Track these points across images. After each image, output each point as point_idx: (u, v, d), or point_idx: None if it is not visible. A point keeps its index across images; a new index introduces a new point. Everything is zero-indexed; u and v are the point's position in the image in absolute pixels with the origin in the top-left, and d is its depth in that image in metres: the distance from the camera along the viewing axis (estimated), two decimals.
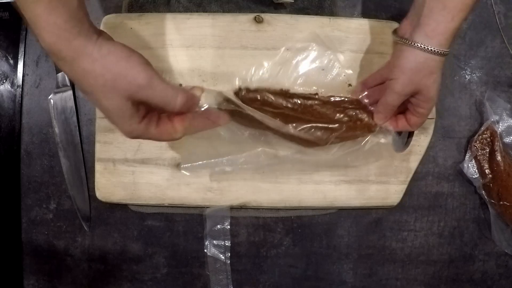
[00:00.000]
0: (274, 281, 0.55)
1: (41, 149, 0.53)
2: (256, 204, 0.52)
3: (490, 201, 0.53)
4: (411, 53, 0.42)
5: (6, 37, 0.53)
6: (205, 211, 0.53)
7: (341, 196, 0.52)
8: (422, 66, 0.42)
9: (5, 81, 0.53)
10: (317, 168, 0.51)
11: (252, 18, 0.52)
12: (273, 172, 0.52)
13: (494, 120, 0.53)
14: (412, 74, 0.42)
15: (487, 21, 0.56)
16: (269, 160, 0.49)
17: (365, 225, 0.55)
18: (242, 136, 0.47)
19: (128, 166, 0.51)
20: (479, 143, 0.53)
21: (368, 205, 0.53)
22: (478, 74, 0.56)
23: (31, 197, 0.54)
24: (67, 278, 0.54)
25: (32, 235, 0.54)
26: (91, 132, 0.53)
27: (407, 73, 0.42)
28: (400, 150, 0.54)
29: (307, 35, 0.51)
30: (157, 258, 0.54)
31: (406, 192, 0.53)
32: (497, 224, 0.54)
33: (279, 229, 0.54)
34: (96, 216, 0.54)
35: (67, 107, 0.53)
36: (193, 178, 0.52)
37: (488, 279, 0.55)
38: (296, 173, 0.52)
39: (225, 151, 0.49)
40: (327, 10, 0.55)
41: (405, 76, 0.42)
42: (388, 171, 0.52)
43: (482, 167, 0.53)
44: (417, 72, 0.42)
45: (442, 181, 0.55)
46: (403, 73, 0.42)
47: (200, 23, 0.51)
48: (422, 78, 0.42)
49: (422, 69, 0.42)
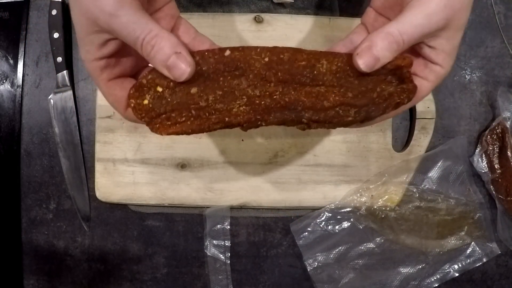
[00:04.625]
0: (274, 281, 0.55)
1: (41, 149, 0.53)
2: (256, 204, 0.52)
3: (498, 196, 0.54)
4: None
5: (6, 37, 0.53)
6: (205, 211, 0.53)
7: (341, 196, 0.52)
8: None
9: (5, 81, 0.53)
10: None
11: (252, 18, 0.52)
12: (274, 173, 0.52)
13: (506, 116, 0.53)
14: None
15: (487, 21, 0.56)
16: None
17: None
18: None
19: (128, 166, 0.51)
20: (490, 138, 0.54)
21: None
22: (478, 74, 0.56)
23: (31, 197, 0.54)
24: (67, 278, 0.54)
25: (32, 235, 0.54)
26: (91, 132, 0.53)
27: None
28: (400, 150, 0.54)
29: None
30: (157, 258, 0.54)
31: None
32: (504, 220, 0.54)
33: (279, 229, 0.54)
34: (96, 216, 0.54)
35: (67, 107, 0.53)
36: (193, 178, 0.52)
37: (488, 279, 0.55)
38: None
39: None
40: (327, 10, 0.55)
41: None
42: (388, 171, 0.52)
43: (492, 162, 0.54)
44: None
45: None
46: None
47: (200, 23, 0.51)
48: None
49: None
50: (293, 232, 0.53)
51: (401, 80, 0.33)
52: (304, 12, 0.54)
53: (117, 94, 0.33)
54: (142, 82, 0.32)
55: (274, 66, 0.32)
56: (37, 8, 0.54)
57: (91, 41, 0.31)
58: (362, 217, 0.52)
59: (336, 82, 0.33)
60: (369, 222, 0.52)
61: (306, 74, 0.33)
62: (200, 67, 0.32)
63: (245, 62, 0.32)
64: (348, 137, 0.53)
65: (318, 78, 0.33)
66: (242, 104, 0.33)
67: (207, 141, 0.52)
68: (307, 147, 0.52)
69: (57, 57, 0.52)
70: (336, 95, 0.33)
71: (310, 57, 0.33)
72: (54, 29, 0.51)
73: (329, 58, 0.33)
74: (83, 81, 0.54)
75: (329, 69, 0.33)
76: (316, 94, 0.33)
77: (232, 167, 0.52)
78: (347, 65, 0.32)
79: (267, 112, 0.33)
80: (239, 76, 0.33)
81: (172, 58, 0.30)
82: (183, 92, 0.32)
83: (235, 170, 0.52)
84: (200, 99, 0.32)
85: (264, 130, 0.52)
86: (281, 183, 0.52)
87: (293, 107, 0.33)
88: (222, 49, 0.33)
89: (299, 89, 0.33)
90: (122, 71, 0.34)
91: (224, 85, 0.32)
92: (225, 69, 0.32)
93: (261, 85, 0.33)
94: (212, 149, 0.52)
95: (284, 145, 0.52)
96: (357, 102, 0.33)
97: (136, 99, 0.33)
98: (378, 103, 0.33)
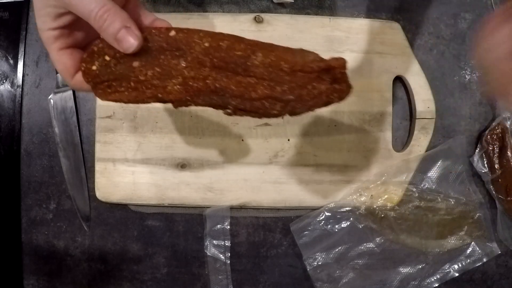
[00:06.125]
0: (274, 281, 0.55)
1: (41, 149, 0.53)
2: (256, 204, 0.52)
3: (498, 196, 0.54)
4: None
5: (6, 37, 0.53)
6: (205, 211, 0.53)
7: (341, 196, 0.52)
8: None
9: (5, 81, 0.53)
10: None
11: (252, 18, 0.52)
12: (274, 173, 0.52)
13: (506, 116, 0.53)
14: None
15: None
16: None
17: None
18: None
19: (128, 166, 0.51)
20: (490, 138, 0.54)
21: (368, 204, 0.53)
22: (478, 74, 0.56)
23: (31, 197, 0.54)
24: (67, 278, 0.54)
25: (32, 235, 0.54)
26: (91, 132, 0.53)
27: None
28: (400, 150, 0.54)
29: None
30: (157, 258, 0.54)
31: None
32: (504, 220, 0.54)
33: (279, 229, 0.54)
34: (96, 216, 0.54)
35: (67, 107, 0.53)
36: (193, 178, 0.52)
37: (488, 279, 0.55)
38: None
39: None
40: (327, 10, 0.55)
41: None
42: (387, 170, 0.52)
43: (492, 162, 0.54)
44: None
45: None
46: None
47: (200, 23, 0.51)
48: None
49: None
50: (293, 231, 0.53)
51: (335, 80, 0.34)
52: (304, 12, 0.54)
53: (66, 62, 0.35)
54: (93, 49, 0.34)
55: (212, 52, 0.34)
56: None
57: (47, 12, 0.33)
58: (361, 216, 0.52)
59: (267, 76, 0.33)
60: (368, 222, 0.52)
61: (240, 64, 0.34)
62: (146, 43, 0.34)
63: (186, 44, 0.34)
64: (348, 137, 0.53)
65: (251, 69, 0.34)
66: (176, 83, 0.34)
67: (207, 141, 0.52)
68: (307, 147, 0.52)
69: None
70: (265, 88, 0.34)
71: (248, 48, 0.34)
72: None
73: (266, 51, 0.34)
74: None
75: (262, 62, 0.33)
76: (246, 84, 0.34)
77: (232, 167, 0.52)
78: (281, 60, 0.33)
79: (197, 95, 0.35)
80: (179, 57, 0.34)
81: (122, 31, 0.32)
82: (126, 64, 0.34)
83: (235, 170, 0.52)
84: (140, 73, 0.34)
85: (264, 130, 0.52)
86: (281, 183, 0.52)
87: (222, 93, 0.34)
88: (169, 29, 0.34)
89: (231, 77, 0.34)
90: (73, 42, 0.35)
91: (163, 63, 0.34)
92: (168, 48, 0.34)
93: (197, 68, 0.34)
94: (212, 149, 0.52)
95: (284, 145, 0.52)
96: (284, 98, 0.33)
97: (86, 63, 0.35)
98: (305, 100, 0.34)
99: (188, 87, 0.34)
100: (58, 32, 0.34)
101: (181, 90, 0.34)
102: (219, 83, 0.34)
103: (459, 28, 0.56)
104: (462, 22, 0.56)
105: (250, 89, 0.34)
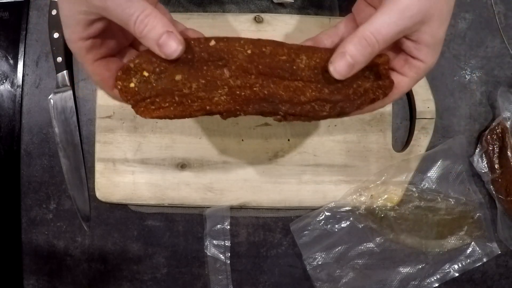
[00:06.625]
0: (274, 281, 0.55)
1: (41, 149, 0.53)
2: (256, 204, 0.52)
3: (498, 196, 0.54)
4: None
5: (6, 37, 0.53)
6: (205, 211, 0.53)
7: (341, 196, 0.52)
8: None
9: (5, 81, 0.53)
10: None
11: (252, 18, 0.52)
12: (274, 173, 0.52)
13: (506, 116, 0.53)
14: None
15: (487, 21, 0.56)
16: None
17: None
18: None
19: (128, 166, 0.51)
20: (490, 138, 0.54)
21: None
22: (478, 74, 0.56)
23: (31, 197, 0.54)
24: (67, 278, 0.54)
25: (32, 235, 0.54)
26: (91, 132, 0.53)
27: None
28: (400, 150, 0.54)
29: None
30: (157, 258, 0.54)
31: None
32: (504, 220, 0.54)
33: (279, 229, 0.54)
34: (96, 216, 0.54)
35: (67, 107, 0.53)
36: (193, 178, 0.52)
37: (488, 279, 0.55)
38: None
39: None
40: (327, 10, 0.55)
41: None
42: (388, 171, 0.52)
43: (492, 162, 0.54)
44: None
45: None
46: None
47: (200, 23, 0.51)
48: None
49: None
50: (293, 231, 0.53)
51: (378, 76, 0.34)
52: (304, 12, 0.54)
53: (104, 74, 0.34)
54: (129, 66, 0.33)
55: (256, 59, 0.33)
56: (37, 8, 0.54)
57: (77, 21, 0.31)
58: (361, 216, 0.52)
59: (313, 78, 0.34)
60: (368, 222, 0.52)
61: (286, 68, 0.33)
62: (186, 55, 0.33)
63: (228, 53, 0.33)
64: (348, 137, 0.53)
65: (297, 73, 0.33)
66: (223, 93, 0.34)
67: (207, 141, 0.52)
68: (307, 147, 0.52)
69: (57, 57, 0.52)
70: (312, 91, 0.34)
71: (291, 52, 0.34)
72: (54, 29, 0.51)
73: (309, 54, 0.34)
74: (83, 81, 0.54)
75: (307, 65, 0.33)
76: (294, 88, 0.34)
77: (232, 167, 0.52)
78: (325, 61, 0.33)
79: (246, 103, 0.34)
80: (222, 66, 0.33)
81: (164, 36, 0.31)
82: (168, 78, 0.33)
83: (235, 170, 0.52)
84: (183, 86, 0.33)
85: (264, 130, 0.52)
86: (281, 183, 0.52)
87: (271, 99, 0.34)
88: (208, 39, 0.34)
89: (278, 83, 0.34)
90: (107, 52, 0.34)
91: (207, 74, 0.33)
92: (209, 59, 0.33)
93: (242, 76, 0.33)
94: (212, 149, 0.52)
95: (284, 145, 0.52)
96: (333, 98, 0.34)
97: (123, 81, 0.33)
98: (353, 100, 0.34)
99: (236, 96, 0.33)
100: (90, 42, 0.32)
101: (229, 100, 0.34)
102: (267, 89, 0.33)
103: (459, 28, 0.56)
104: (462, 22, 0.56)
105: (298, 92, 0.33)
